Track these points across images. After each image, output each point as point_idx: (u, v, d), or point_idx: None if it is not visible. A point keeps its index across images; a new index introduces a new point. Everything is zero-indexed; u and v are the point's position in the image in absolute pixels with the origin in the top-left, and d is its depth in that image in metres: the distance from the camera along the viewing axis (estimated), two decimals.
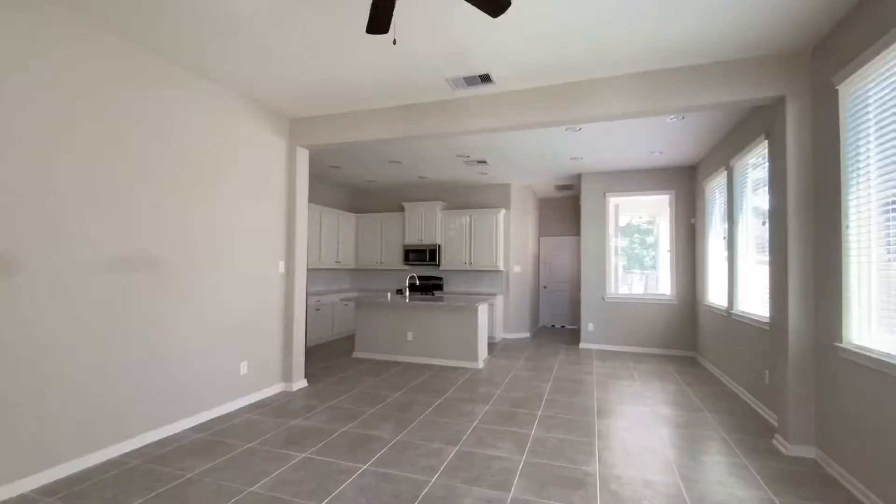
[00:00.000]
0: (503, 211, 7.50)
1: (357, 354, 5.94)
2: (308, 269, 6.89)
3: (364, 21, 2.72)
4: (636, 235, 7.56)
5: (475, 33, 2.85)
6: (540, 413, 3.77)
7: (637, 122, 4.62)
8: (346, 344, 6.95)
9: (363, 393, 4.30)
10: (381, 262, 8.25)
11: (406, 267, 8.12)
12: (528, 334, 7.86)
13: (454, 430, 3.35)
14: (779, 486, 2.55)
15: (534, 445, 3.09)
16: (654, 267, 7.32)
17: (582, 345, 6.86)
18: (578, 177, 7.13)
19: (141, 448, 2.99)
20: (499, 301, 7.42)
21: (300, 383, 4.46)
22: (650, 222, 7.29)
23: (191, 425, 3.39)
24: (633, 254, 7.24)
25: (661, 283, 7.14)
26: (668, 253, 6.70)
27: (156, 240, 3.14)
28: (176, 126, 3.29)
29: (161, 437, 3.16)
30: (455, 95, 3.82)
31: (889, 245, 2.40)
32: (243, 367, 3.88)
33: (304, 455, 2.89)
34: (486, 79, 3.52)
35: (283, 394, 4.25)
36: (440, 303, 5.43)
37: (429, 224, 7.84)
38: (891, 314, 2.37)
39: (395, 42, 1.89)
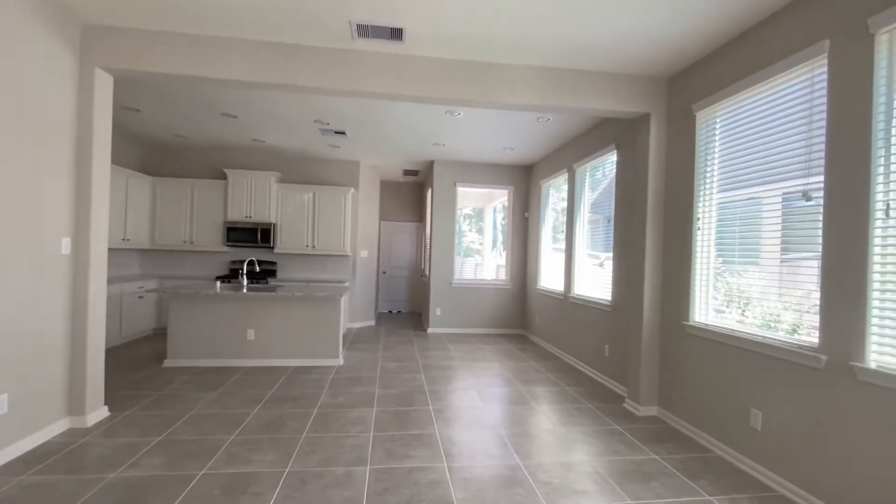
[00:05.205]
0: (352, 190, 6.89)
1: (171, 363, 4.54)
2: None
3: None
4: (474, 223, 8.10)
5: None
6: (431, 408, 3.56)
7: (506, 117, 4.79)
8: (147, 349, 5.27)
9: (204, 415, 3.27)
10: (191, 242, 6.56)
11: (227, 248, 6.68)
12: (373, 322, 7.52)
13: (353, 445, 2.84)
14: (652, 445, 3.01)
15: (446, 447, 2.86)
16: (479, 253, 8.05)
17: (430, 329, 6.93)
18: (431, 163, 7.11)
19: None
20: None
21: (98, 413, 3.10)
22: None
23: None
24: (461, 241, 7.74)
25: (486, 268, 7.88)
26: (499, 241, 7.37)
27: None
28: None
29: None
30: (354, 46, 3.17)
31: (721, 244, 3.08)
32: (1, 404, 2.43)
33: None
34: (396, 34, 3.02)
35: (73, 433, 2.87)
36: (296, 293, 4.61)
37: (261, 198, 6.60)
38: (719, 297, 3.06)
39: None
